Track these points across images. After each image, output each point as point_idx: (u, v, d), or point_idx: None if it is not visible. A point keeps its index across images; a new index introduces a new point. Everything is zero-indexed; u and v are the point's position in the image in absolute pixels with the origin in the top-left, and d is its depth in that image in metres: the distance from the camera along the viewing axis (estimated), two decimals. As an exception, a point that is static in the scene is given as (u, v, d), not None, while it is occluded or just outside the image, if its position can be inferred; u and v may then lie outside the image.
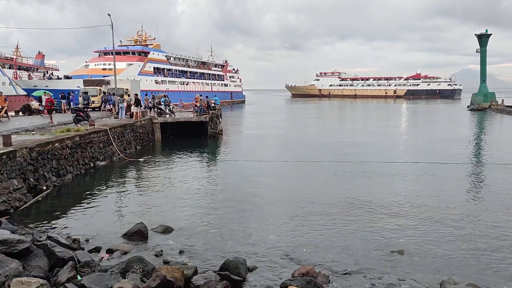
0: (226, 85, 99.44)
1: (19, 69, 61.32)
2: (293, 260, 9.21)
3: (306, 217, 12.26)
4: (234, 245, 10.11)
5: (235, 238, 10.55)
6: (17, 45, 75.33)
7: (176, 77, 78.56)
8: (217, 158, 24.28)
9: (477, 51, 69.41)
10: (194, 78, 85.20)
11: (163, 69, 74.40)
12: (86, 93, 33.02)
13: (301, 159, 22.18)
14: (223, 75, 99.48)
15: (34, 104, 34.12)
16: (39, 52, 79.84)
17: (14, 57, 66.73)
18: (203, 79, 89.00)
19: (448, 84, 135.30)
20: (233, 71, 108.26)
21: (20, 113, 31.99)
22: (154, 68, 70.85)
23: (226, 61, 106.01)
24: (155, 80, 70.30)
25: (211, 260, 9.14)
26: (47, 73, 58.74)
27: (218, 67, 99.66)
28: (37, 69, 67.97)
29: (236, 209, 13.13)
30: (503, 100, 65.57)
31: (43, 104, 30.44)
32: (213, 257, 9.31)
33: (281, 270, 8.71)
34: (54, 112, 29.09)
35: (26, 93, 51.88)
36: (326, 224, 11.64)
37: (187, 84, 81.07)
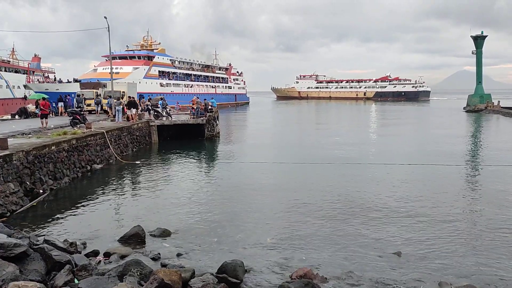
0: (230, 87, 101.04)
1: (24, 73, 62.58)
2: (291, 262, 9.21)
3: (304, 219, 12.27)
4: (231, 247, 10.11)
5: (232, 241, 10.54)
6: (13, 48, 75.27)
7: (181, 80, 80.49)
8: (214, 160, 24.27)
9: (472, 53, 69.59)
10: (198, 81, 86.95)
11: (168, 72, 76.63)
12: (79, 95, 32.96)
13: (297, 160, 22.18)
14: (227, 78, 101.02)
15: (31, 107, 34.00)
16: (35, 55, 79.43)
17: (28, 61, 69.22)
18: (207, 81, 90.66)
19: (413, 86, 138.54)
20: (237, 73, 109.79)
21: (17, 116, 31.89)
22: (159, 71, 73.15)
23: (230, 64, 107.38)
24: (160, 83, 72.44)
25: (209, 263, 9.12)
26: (49, 76, 59.83)
27: (222, 70, 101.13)
28: (33, 72, 67.84)
29: (234, 211, 13.13)
30: (499, 102, 65.81)
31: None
32: (211, 260, 9.29)
33: (278, 272, 8.71)
34: (51, 115, 28.98)
35: (24, 96, 52.28)
36: (324, 226, 11.65)
37: (191, 87, 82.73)
